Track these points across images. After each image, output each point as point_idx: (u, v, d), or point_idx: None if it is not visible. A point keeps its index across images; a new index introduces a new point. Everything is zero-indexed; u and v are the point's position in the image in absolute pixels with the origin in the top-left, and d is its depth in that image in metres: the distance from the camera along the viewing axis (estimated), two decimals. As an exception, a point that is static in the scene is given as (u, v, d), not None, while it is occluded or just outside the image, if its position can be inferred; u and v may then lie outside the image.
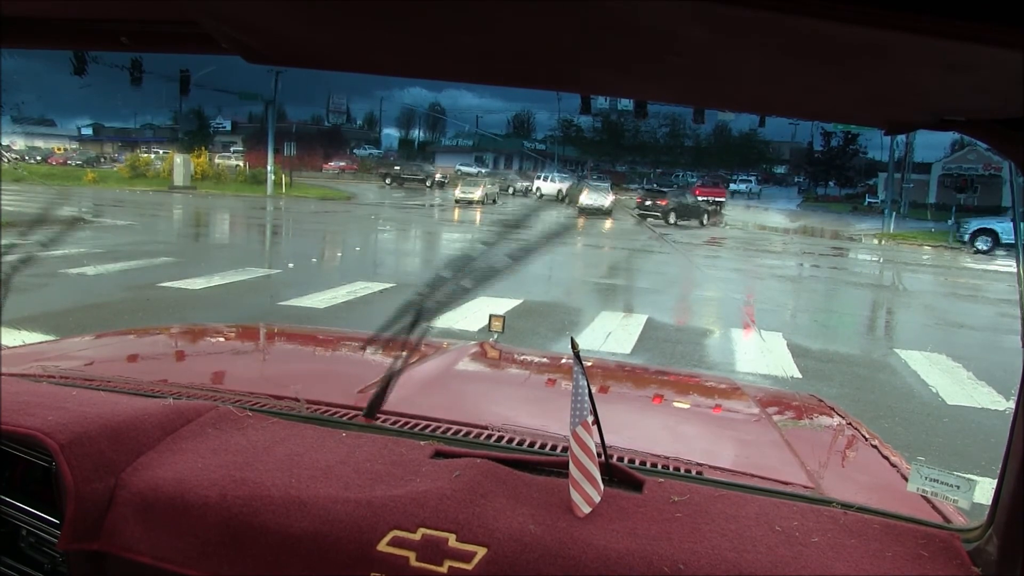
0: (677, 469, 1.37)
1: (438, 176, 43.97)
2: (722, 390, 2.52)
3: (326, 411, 1.52)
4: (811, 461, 1.57)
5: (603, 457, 1.19)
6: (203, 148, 43.30)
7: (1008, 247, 23.91)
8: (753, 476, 1.40)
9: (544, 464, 1.25)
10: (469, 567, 1.00)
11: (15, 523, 1.19)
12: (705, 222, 28.25)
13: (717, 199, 32.05)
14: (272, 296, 9.77)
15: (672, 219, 27.71)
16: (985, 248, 24.92)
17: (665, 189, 29.79)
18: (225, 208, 27.53)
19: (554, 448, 1.40)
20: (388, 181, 46.84)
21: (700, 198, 31.59)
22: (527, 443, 1.43)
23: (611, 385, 2.24)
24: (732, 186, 53.24)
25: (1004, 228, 25.08)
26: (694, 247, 22.13)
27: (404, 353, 1.49)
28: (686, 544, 1.03)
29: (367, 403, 1.50)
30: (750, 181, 54.68)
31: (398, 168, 49.03)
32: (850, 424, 2.06)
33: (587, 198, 32.41)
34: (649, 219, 27.58)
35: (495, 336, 2.53)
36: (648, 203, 28.39)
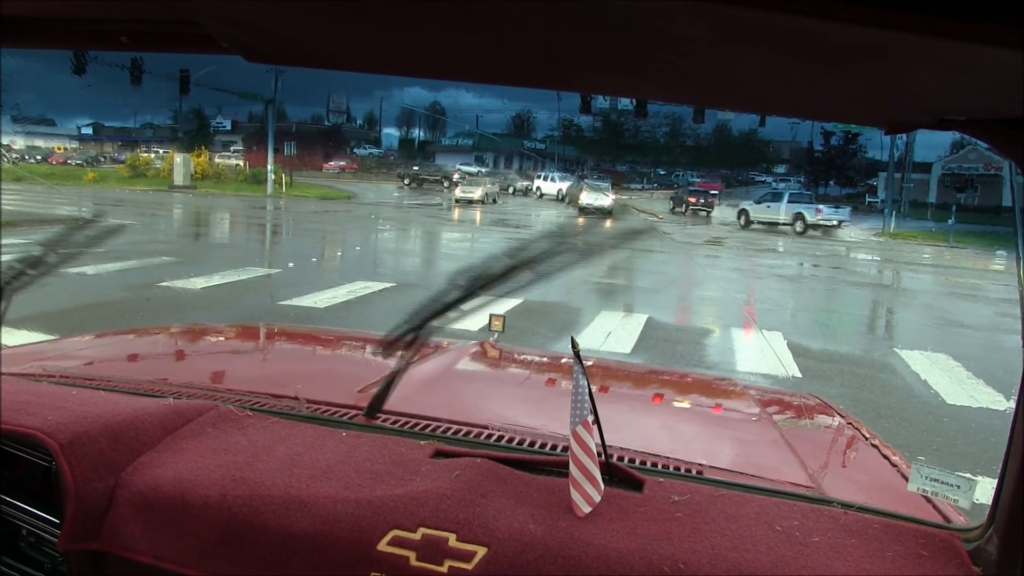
0: (677, 469, 1.37)
1: (456, 177, 43.97)
2: (722, 390, 2.52)
3: (326, 411, 1.52)
4: (811, 461, 1.57)
5: (603, 457, 1.19)
6: (203, 148, 43.31)
7: (766, 224, 31.72)
8: (753, 476, 1.40)
9: (544, 464, 1.25)
10: (469, 567, 1.00)
11: (15, 523, 1.19)
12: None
13: (713, 192, 39.74)
14: (272, 296, 9.77)
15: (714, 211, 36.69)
16: (742, 224, 32.21)
17: (714, 192, 38.14)
18: (225, 207, 27.53)
19: (554, 448, 1.40)
20: (407, 181, 46.77)
21: (700, 190, 39.35)
22: (527, 443, 1.43)
23: (611, 385, 2.24)
24: (774, 185, 57.31)
25: (753, 209, 32.75)
26: (694, 247, 22.14)
27: (407, 352, 1.49)
28: (686, 544, 1.03)
29: (368, 403, 1.50)
30: (788, 180, 59.53)
31: (416, 169, 49.20)
32: (850, 424, 2.06)
33: (587, 198, 33.01)
34: (700, 212, 36.03)
35: (495, 336, 2.53)
36: (703, 201, 36.59)
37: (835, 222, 30.74)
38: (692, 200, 36.34)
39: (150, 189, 34.27)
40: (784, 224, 30.90)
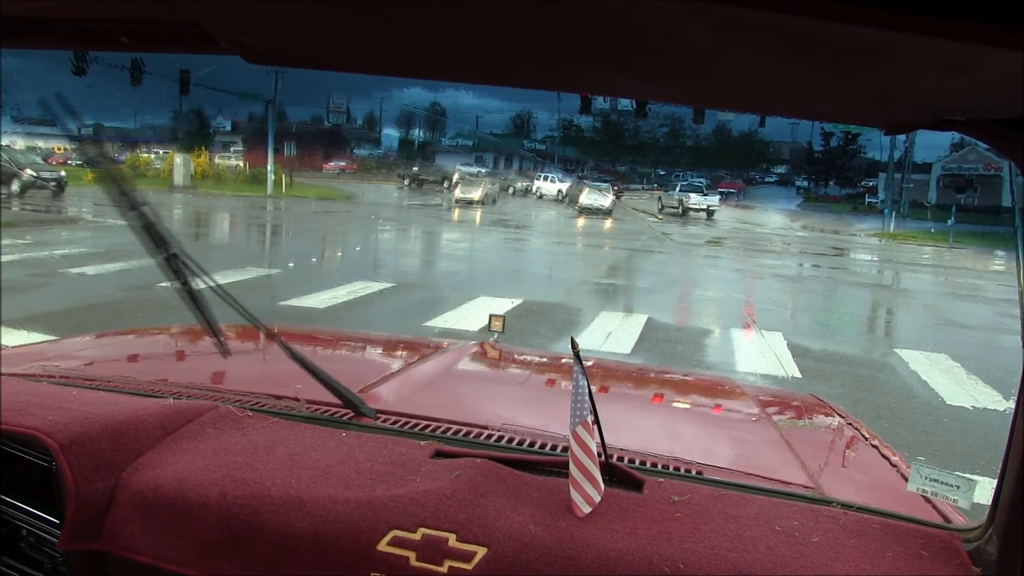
0: (677, 469, 1.37)
1: (455, 177, 44.00)
2: (722, 390, 2.52)
3: (326, 411, 1.52)
4: (811, 461, 1.57)
5: (603, 457, 1.19)
6: (203, 148, 43.28)
7: (670, 207, 38.22)
8: (753, 476, 1.40)
9: (544, 464, 1.25)
10: (469, 567, 1.00)
11: (15, 523, 1.19)
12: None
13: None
14: (272, 296, 9.77)
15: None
16: (659, 208, 39.18)
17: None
18: (225, 208, 27.53)
19: (554, 448, 1.40)
20: (407, 182, 46.88)
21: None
22: (527, 443, 1.43)
23: (611, 385, 2.24)
24: (799, 182, 65.52)
25: (664, 196, 40.85)
26: (695, 247, 22.14)
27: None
28: (686, 544, 1.03)
29: (350, 405, 1.50)
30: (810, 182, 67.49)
31: (416, 169, 49.48)
32: (850, 424, 2.06)
33: (587, 198, 33.31)
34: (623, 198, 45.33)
35: (495, 336, 2.53)
36: (618, 188, 47.76)
37: (705, 206, 37.74)
38: (615, 190, 46.14)
39: (150, 189, 34.21)
40: (674, 208, 38.21)
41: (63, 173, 26.76)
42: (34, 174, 24.64)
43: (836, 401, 2.48)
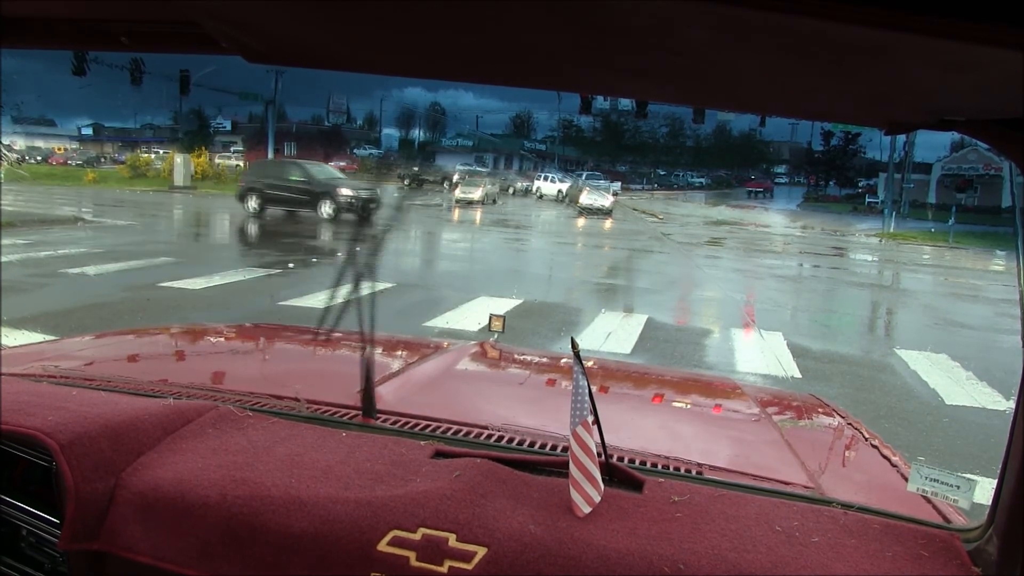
0: (677, 469, 1.37)
1: (455, 177, 44.21)
2: (722, 390, 2.52)
3: (326, 411, 1.52)
4: (811, 461, 1.57)
5: (603, 457, 1.19)
6: (203, 148, 43.34)
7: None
8: (753, 476, 1.40)
9: (544, 464, 1.25)
10: (469, 567, 1.00)
11: (15, 523, 1.19)
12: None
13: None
14: (272, 296, 9.77)
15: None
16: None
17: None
18: (225, 208, 27.49)
19: (554, 448, 1.40)
20: (406, 182, 47.21)
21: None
22: (527, 443, 1.43)
23: (611, 385, 2.24)
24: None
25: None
26: (694, 247, 22.15)
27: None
28: (686, 544, 1.03)
29: (361, 402, 1.50)
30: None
31: (416, 169, 49.96)
32: (850, 424, 2.06)
33: (587, 198, 33.39)
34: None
35: (495, 336, 2.53)
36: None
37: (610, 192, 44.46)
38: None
39: (150, 190, 34.22)
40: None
41: (378, 191, 24.99)
42: (351, 194, 22.23)
43: (836, 401, 2.48)
